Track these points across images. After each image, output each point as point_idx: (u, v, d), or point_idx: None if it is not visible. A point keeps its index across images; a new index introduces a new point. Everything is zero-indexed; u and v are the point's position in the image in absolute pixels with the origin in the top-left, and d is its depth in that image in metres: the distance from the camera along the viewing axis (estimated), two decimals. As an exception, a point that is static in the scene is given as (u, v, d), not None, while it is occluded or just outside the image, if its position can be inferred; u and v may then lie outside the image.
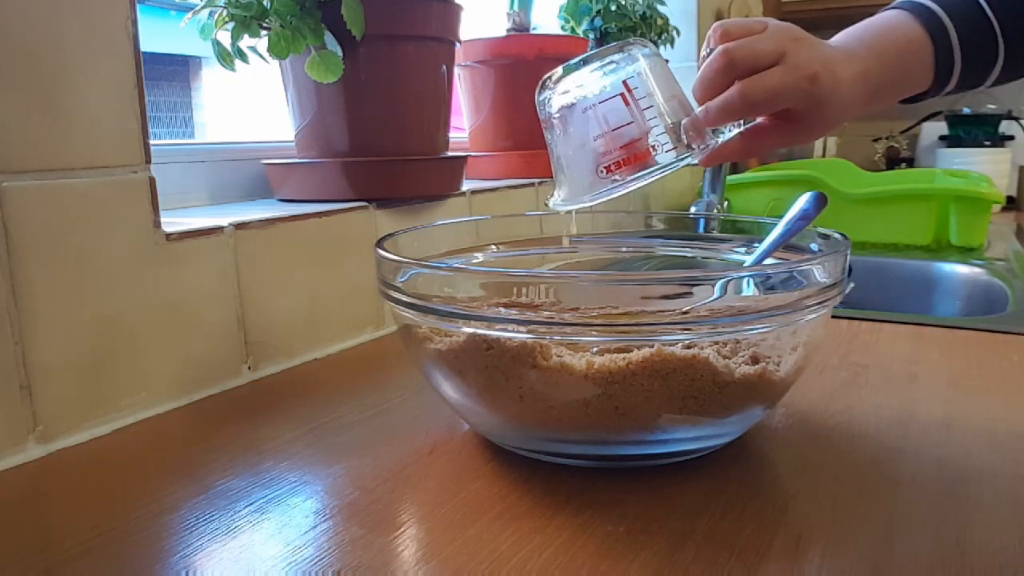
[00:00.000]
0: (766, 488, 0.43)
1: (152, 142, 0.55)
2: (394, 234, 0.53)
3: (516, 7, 1.10)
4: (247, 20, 0.69)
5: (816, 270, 0.43)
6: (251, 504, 0.42)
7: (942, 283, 1.15)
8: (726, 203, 1.21)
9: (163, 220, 0.56)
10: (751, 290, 0.42)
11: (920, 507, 0.41)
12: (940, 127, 1.97)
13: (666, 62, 0.52)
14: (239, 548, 0.38)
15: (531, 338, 0.41)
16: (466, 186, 0.90)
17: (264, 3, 0.68)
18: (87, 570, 0.36)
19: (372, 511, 0.41)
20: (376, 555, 0.37)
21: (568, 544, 0.37)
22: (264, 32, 0.70)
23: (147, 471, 0.47)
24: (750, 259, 0.56)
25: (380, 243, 0.49)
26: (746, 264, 0.57)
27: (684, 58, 1.53)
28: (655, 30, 1.29)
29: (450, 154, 0.85)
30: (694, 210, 1.21)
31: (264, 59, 0.72)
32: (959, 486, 0.43)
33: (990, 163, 1.78)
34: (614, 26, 1.23)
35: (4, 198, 0.46)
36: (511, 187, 0.99)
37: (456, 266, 0.53)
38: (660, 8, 1.30)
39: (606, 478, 0.44)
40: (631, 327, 0.41)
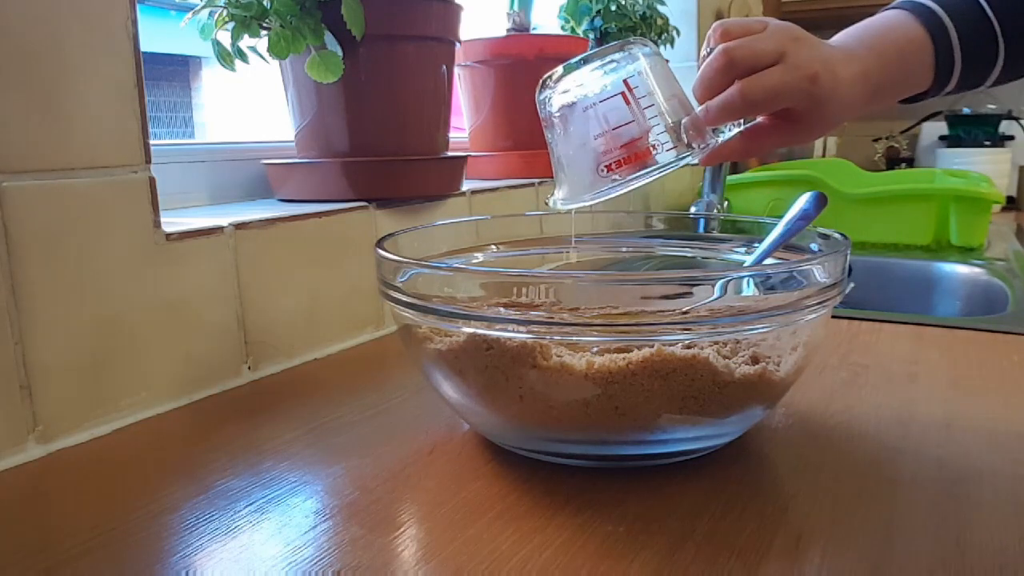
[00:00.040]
0: (766, 488, 0.43)
1: (152, 142, 0.55)
2: (394, 234, 0.53)
3: (516, 7, 1.10)
4: (247, 20, 0.69)
5: (816, 270, 0.43)
6: (251, 504, 0.42)
7: (942, 283, 1.15)
8: (726, 203, 1.21)
9: (163, 220, 0.56)
10: (751, 290, 0.42)
11: (920, 507, 0.41)
12: (940, 127, 1.97)
13: (666, 61, 0.52)
14: (239, 548, 0.38)
15: (531, 338, 0.41)
16: (466, 186, 0.90)
17: (264, 3, 0.68)
18: (87, 570, 0.36)
19: (372, 511, 0.41)
20: (376, 555, 0.37)
21: (568, 544, 0.37)
22: (264, 32, 0.70)
23: (147, 471, 0.47)
24: (750, 259, 0.56)
25: (380, 243, 0.49)
26: (746, 264, 0.57)
27: (684, 58, 1.53)
28: (655, 30, 1.29)
29: (450, 154, 0.85)
30: (694, 210, 1.21)
31: (264, 59, 0.72)
32: (959, 486, 0.43)
33: (990, 163, 1.78)
34: (614, 26, 1.23)
35: (4, 198, 0.46)
36: (511, 187, 0.99)
37: (456, 266, 0.53)
38: (660, 8, 1.30)
39: (606, 478, 0.44)
40: (631, 327, 0.41)
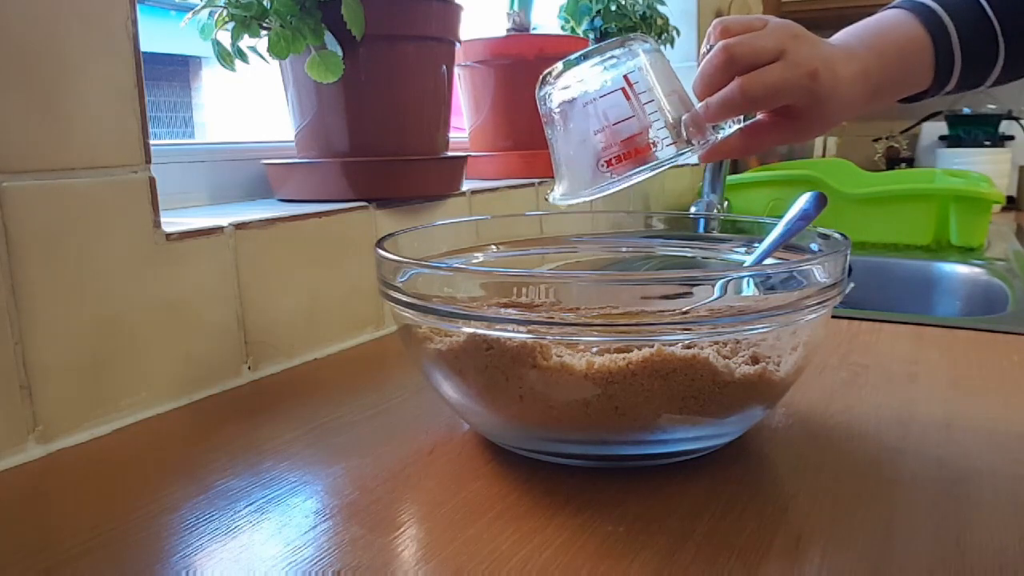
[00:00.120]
0: (766, 488, 0.43)
1: (152, 142, 0.55)
2: (394, 234, 0.53)
3: (516, 7, 1.10)
4: (247, 20, 0.69)
5: (816, 270, 0.43)
6: (251, 504, 0.42)
7: (942, 283, 1.15)
8: (726, 203, 1.21)
9: (163, 220, 0.56)
10: (751, 290, 0.42)
11: (920, 507, 0.41)
12: (940, 127, 1.97)
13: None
14: (239, 548, 0.38)
15: (531, 338, 0.41)
16: (466, 186, 0.90)
17: (264, 3, 0.68)
18: (87, 570, 0.36)
19: (372, 511, 0.41)
20: (376, 555, 0.37)
21: (568, 544, 0.37)
22: (264, 32, 0.70)
23: (147, 471, 0.47)
24: (750, 259, 0.56)
25: (380, 243, 0.49)
26: (746, 264, 0.57)
27: (684, 58, 1.53)
28: (655, 30, 1.29)
29: (450, 154, 0.85)
30: (694, 210, 1.21)
31: (264, 59, 0.72)
32: (959, 486, 0.43)
33: (990, 163, 1.78)
34: (614, 26, 1.23)
35: (4, 198, 0.46)
36: (511, 187, 0.99)
37: (456, 266, 0.53)
38: (660, 8, 1.30)
39: (606, 478, 0.44)
40: (631, 327, 0.41)
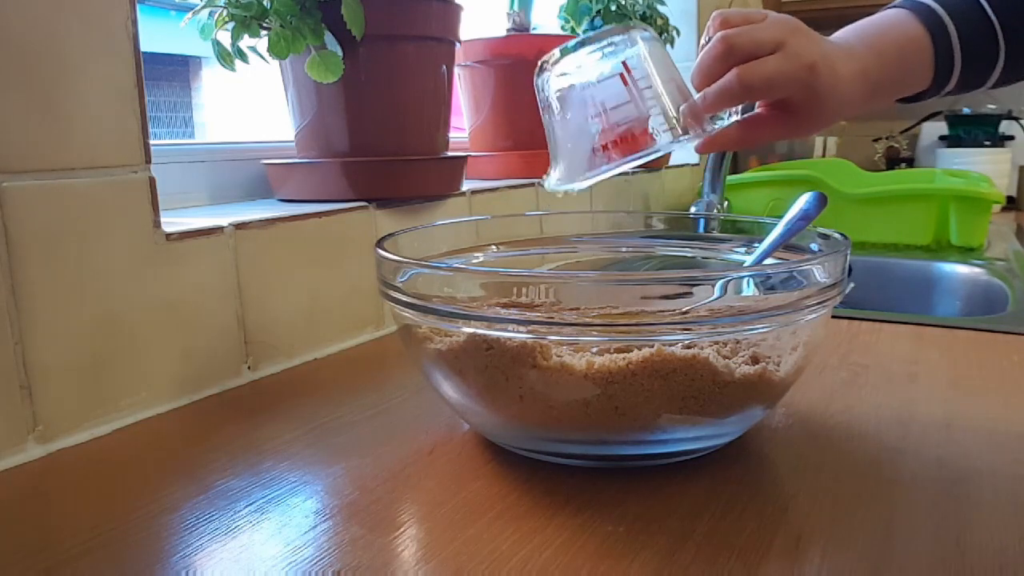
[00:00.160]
0: (766, 488, 0.43)
1: (152, 142, 0.55)
2: (394, 234, 0.53)
3: (516, 7, 1.10)
4: (247, 20, 0.69)
5: (816, 270, 0.43)
6: (251, 504, 0.42)
7: (942, 283, 1.15)
8: (726, 203, 1.21)
9: (163, 220, 0.56)
10: (751, 290, 0.42)
11: (920, 507, 0.41)
12: (940, 127, 1.97)
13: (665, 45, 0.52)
14: (239, 548, 0.38)
15: (531, 338, 0.41)
16: (466, 186, 0.90)
17: (264, 3, 0.68)
18: (87, 570, 0.36)
19: (372, 511, 0.41)
20: (376, 555, 0.37)
21: (568, 544, 0.37)
22: (264, 32, 0.70)
23: (147, 471, 0.47)
24: (750, 259, 0.56)
25: (380, 243, 0.49)
26: (746, 264, 0.57)
27: (684, 58, 1.52)
28: (655, 30, 1.29)
29: (450, 154, 0.85)
30: (694, 210, 1.21)
31: (264, 59, 0.72)
32: (959, 486, 0.43)
33: (990, 163, 1.78)
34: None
35: (4, 198, 0.46)
36: (511, 187, 0.99)
37: (456, 266, 0.53)
38: (660, 8, 1.30)
39: (606, 478, 0.44)
40: (631, 327, 0.41)
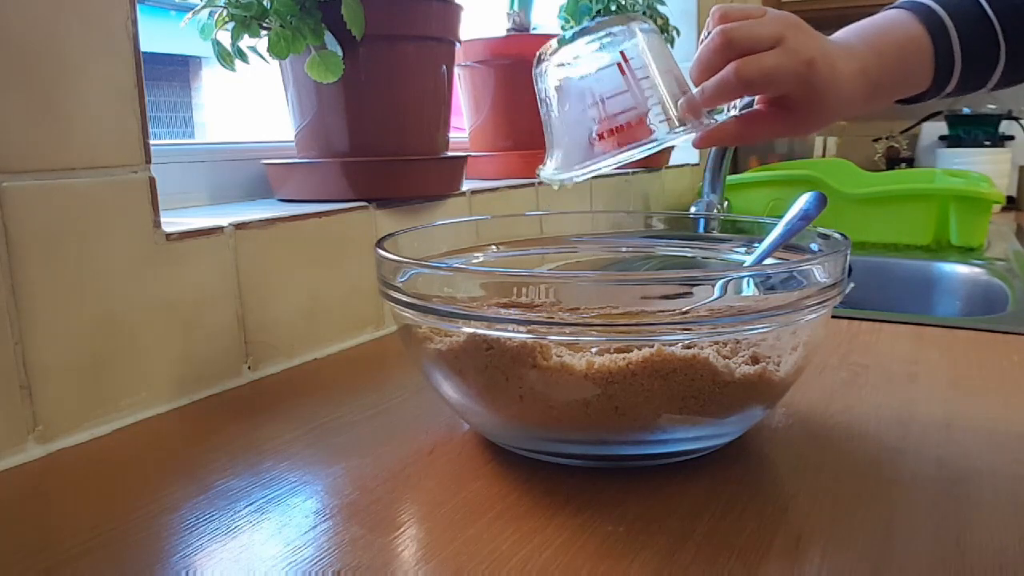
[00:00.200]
0: (766, 488, 0.43)
1: (152, 142, 0.55)
2: (394, 234, 0.53)
3: (516, 7, 1.10)
4: (247, 20, 0.69)
5: (816, 270, 0.43)
6: (251, 504, 0.42)
7: (942, 283, 1.15)
8: (726, 203, 1.21)
9: (163, 220, 0.56)
10: (751, 290, 0.42)
11: (920, 507, 0.41)
12: (940, 127, 1.97)
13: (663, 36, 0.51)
14: (239, 548, 0.38)
15: (531, 338, 0.41)
16: (466, 186, 0.90)
17: (264, 3, 0.68)
18: (87, 570, 0.36)
19: (372, 511, 0.41)
20: (376, 555, 0.37)
21: (568, 544, 0.37)
22: (264, 32, 0.70)
23: (147, 471, 0.47)
24: (750, 259, 0.56)
25: (380, 243, 0.49)
26: (746, 264, 0.57)
27: (684, 58, 1.51)
28: (655, 30, 1.28)
29: (450, 154, 0.85)
30: (694, 210, 1.21)
31: (264, 59, 0.72)
32: (959, 486, 0.43)
33: (990, 163, 1.78)
34: (614, 26, 1.23)
35: (4, 198, 0.46)
36: (511, 187, 0.99)
37: (456, 266, 0.53)
38: (660, 8, 1.29)
39: (606, 478, 0.44)
40: (631, 327, 0.41)
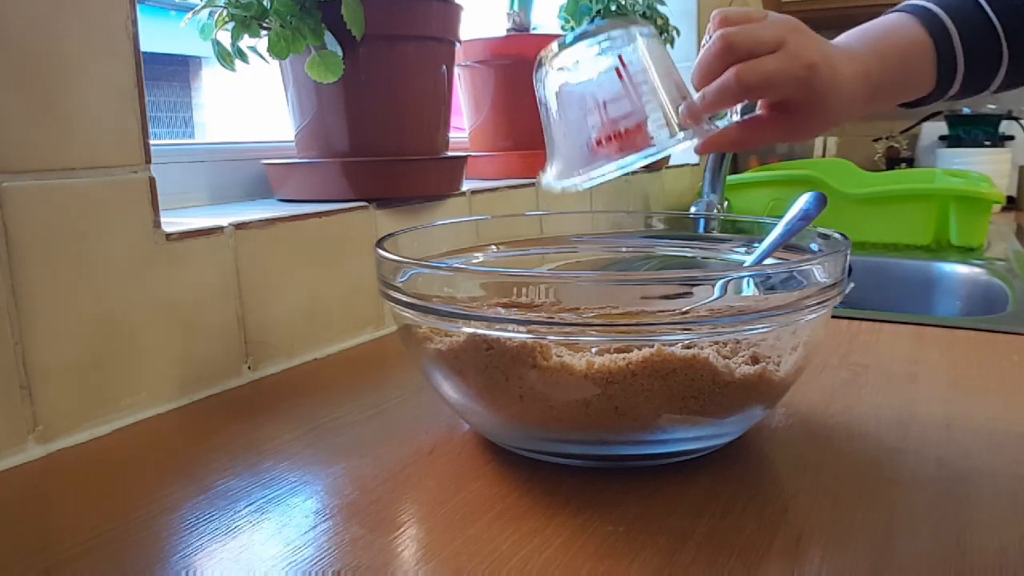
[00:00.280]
0: (766, 488, 0.43)
1: (152, 142, 0.55)
2: (394, 234, 0.53)
3: (516, 7, 1.10)
4: (247, 20, 0.69)
5: (816, 270, 0.43)
6: (251, 504, 0.42)
7: (942, 283, 1.15)
8: (726, 203, 1.21)
9: (163, 220, 0.56)
10: (751, 290, 0.42)
11: (920, 507, 0.41)
12: (940, 127, 1.97)
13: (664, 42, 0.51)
14: (239, 548, 0.38)
15: (531, 338, 0.41)
16: (466, 186, 0.90)
17: (264, 3, 0.68)
18: (87, 570, 0.36)
19: (372, 511, 0.41)
20: (376, 555, 0.37)
21: (568, 544, 0.37)
22: (264, 32, 0.70)
23: (147, 471, 0.47)
24: (750, 259, 0.56)
25: (380, 243, 0.49)
26: (746, 264, 0.57)
27: (684, 58, 1.52)
28: (655, 29, 1.29)
29: (450, 154, 0.85)
30: (694, 210, 1.21)
31: (264, 59, 0.72)
32: (959, 486, 0.43)
33: (990, 163, 1.78)
34: (614, 26, 1.22)
35: (4, 198, 0.46)
36: (511, 187, 0.99)
37: (456, 266, 0.53)
38: (660, 8, 1.29)
39: (606, 478, 0.44)
40: (631, 327, 0.41)
